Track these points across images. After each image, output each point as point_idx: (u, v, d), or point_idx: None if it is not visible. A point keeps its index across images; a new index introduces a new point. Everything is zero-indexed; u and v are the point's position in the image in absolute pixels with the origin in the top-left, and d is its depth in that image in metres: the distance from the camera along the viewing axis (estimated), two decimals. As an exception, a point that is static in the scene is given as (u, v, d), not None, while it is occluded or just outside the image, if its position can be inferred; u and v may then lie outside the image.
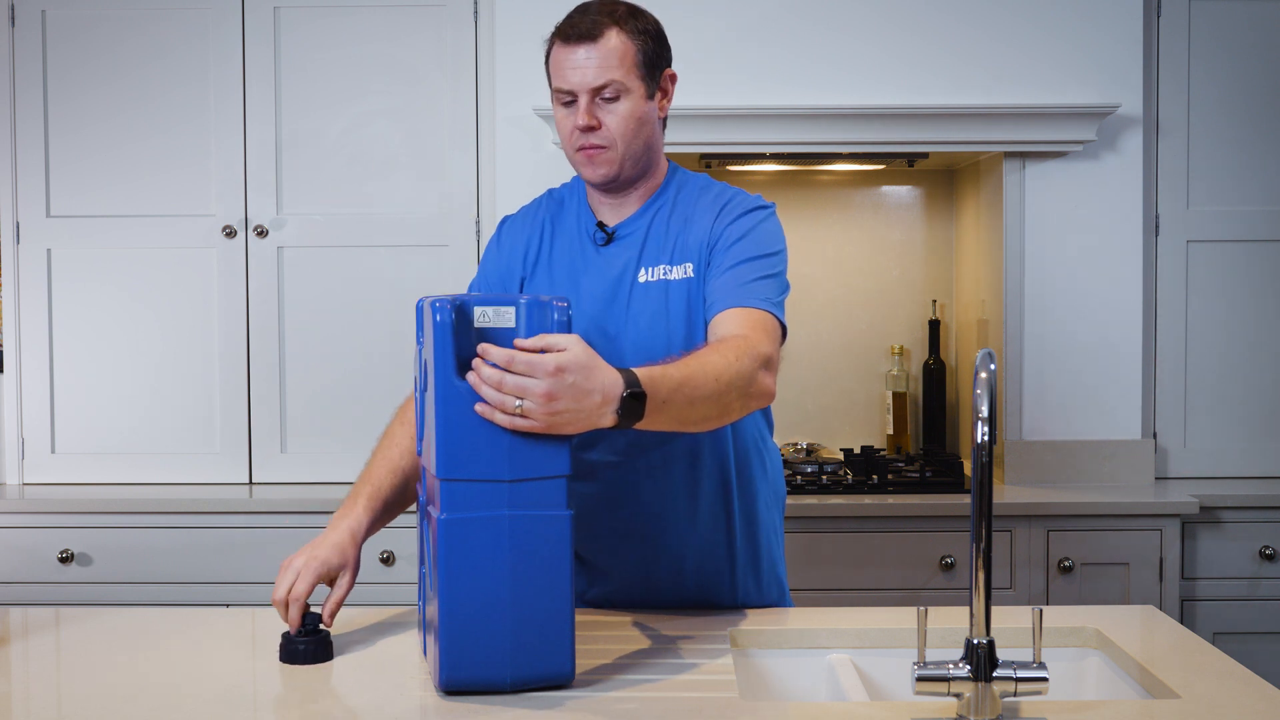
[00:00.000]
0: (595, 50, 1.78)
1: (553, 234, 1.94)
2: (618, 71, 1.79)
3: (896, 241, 3.62)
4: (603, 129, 1.80)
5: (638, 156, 1.84)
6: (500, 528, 1.45)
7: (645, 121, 1.83)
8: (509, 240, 1.98)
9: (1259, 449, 3.28)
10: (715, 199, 1.88)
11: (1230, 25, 3.25)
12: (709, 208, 1.87)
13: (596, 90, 1.79)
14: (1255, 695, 1.48)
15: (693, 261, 1.85)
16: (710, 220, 1.85)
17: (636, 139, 1.82)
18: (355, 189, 3.25)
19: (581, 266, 1.90)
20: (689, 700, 1.47)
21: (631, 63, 1.80)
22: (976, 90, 3.17)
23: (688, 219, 1.87)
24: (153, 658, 1.67)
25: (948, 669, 1.38)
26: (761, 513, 1.95)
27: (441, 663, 1.46)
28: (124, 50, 3.25)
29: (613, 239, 1.89)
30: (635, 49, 1.80)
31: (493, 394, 1.42)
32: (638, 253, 1.88)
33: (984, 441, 1.38)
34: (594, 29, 1.78)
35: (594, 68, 1.78)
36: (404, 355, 3.20)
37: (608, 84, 1.79)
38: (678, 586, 1.90)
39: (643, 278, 1.86)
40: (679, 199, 1.90)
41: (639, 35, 1.81)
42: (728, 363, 1.63)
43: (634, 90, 1.81)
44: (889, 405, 3.53)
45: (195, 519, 3.04)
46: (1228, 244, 3.27)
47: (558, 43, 1.82)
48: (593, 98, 1.80)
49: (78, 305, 3.27)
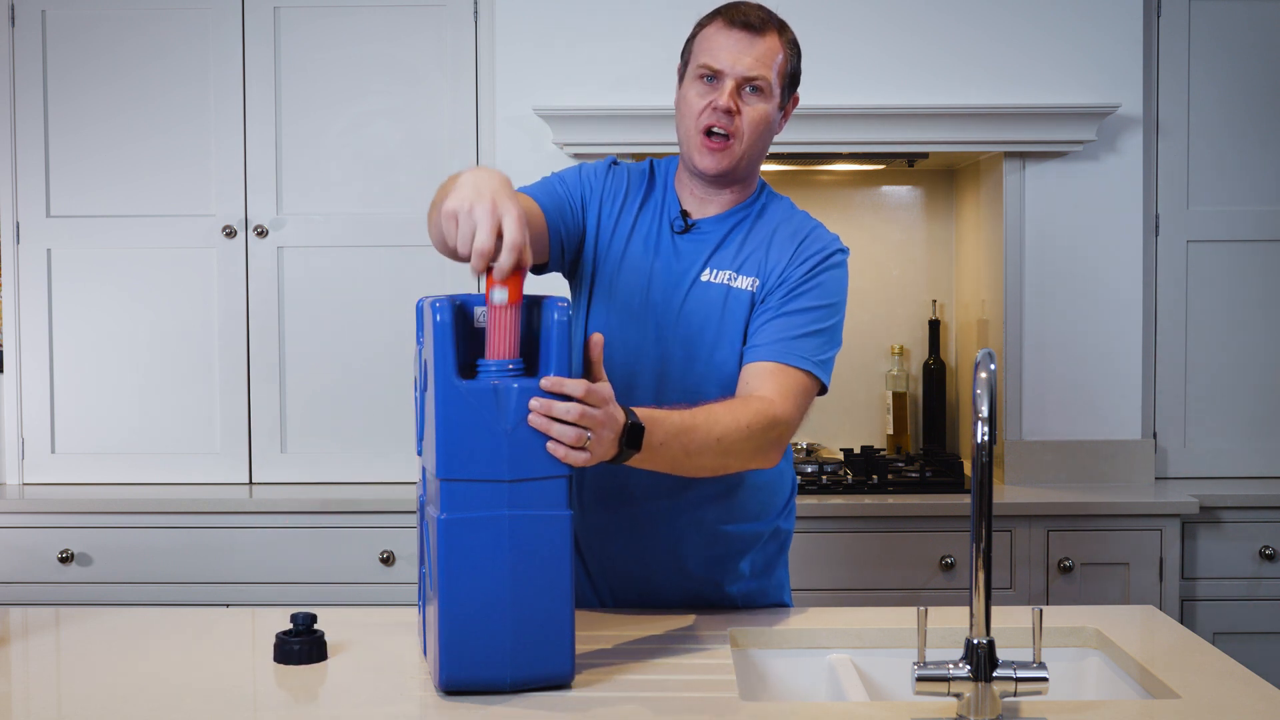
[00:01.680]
0: (758, 43, 1.81)
1: (639, 204, 1.93)
2: (769, 69, 1.82)
3: (896, 241, 3.62)
4: (738, 118, 1.82)
5: (753, 158, 1.87)
6: (500, 528, 1.45)
7: (770, 129, 1.86)
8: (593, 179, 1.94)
9: (1259, 449, 3.28)
10: (795, 231, 1.88)
11: (1230, 25, 3.25)
12: (789, 239, 1.87)
13: (746, 79, 1.81)
14: (1255, 695, 1.48)
15: (758, 278, 1.85)
16: (788, 252, 1.85)
17: (759, 142, 1.85)
18: (355, 189, 3.25)
19: (656, 247, 1.89)
20: (689, 700, 1.47)
21: (780, 69, 1.84)
22: (976, 90, 3.17)
23: (766, 243, 1.87)
24: (153, 658, 1.67)
25: (948, 669, 1.38)
26: (762, 509, 1.95)
27: (441, 663, 1.46)
28: (124, 50, 3.25)
29: (690, 230, 1.89)
30: (786, 58, 1.85)
31: (568, 431, 1.44)
32: (709, 252, 1.88)
33: (984, 441, 1.38)
34: (761, 25, 1.82)
35: (752, 58, 1.81)
36: (404, 355, 3.21)
37: (758, 78, 1.81)
38: (678, 573, 1.90)
39: (705, 277, 1.87)
40: (763, 217, 1.91)
41: (791, 47, 1.86)
42: (738, 429, 1.66)
43: (773, 95, 1.84)
44: (889, 405, 3.53)
45: (195, 519, 3.04)
46: (1228, 244, 3.27)
47: (719, 22, 1.83)
48: (738, 86, 1.81)
49: (78, 305, 3.27)
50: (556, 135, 3.11)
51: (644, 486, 1.86)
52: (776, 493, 1.96)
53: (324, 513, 3.04)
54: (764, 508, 1.94)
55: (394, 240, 3.24)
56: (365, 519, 3.03)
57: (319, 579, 3.03)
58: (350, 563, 3.03)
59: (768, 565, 1.97)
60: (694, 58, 1.85)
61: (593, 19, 3.17)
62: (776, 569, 1.99)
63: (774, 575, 1.98)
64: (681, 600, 1.91)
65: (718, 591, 1.92)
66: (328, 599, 2.96)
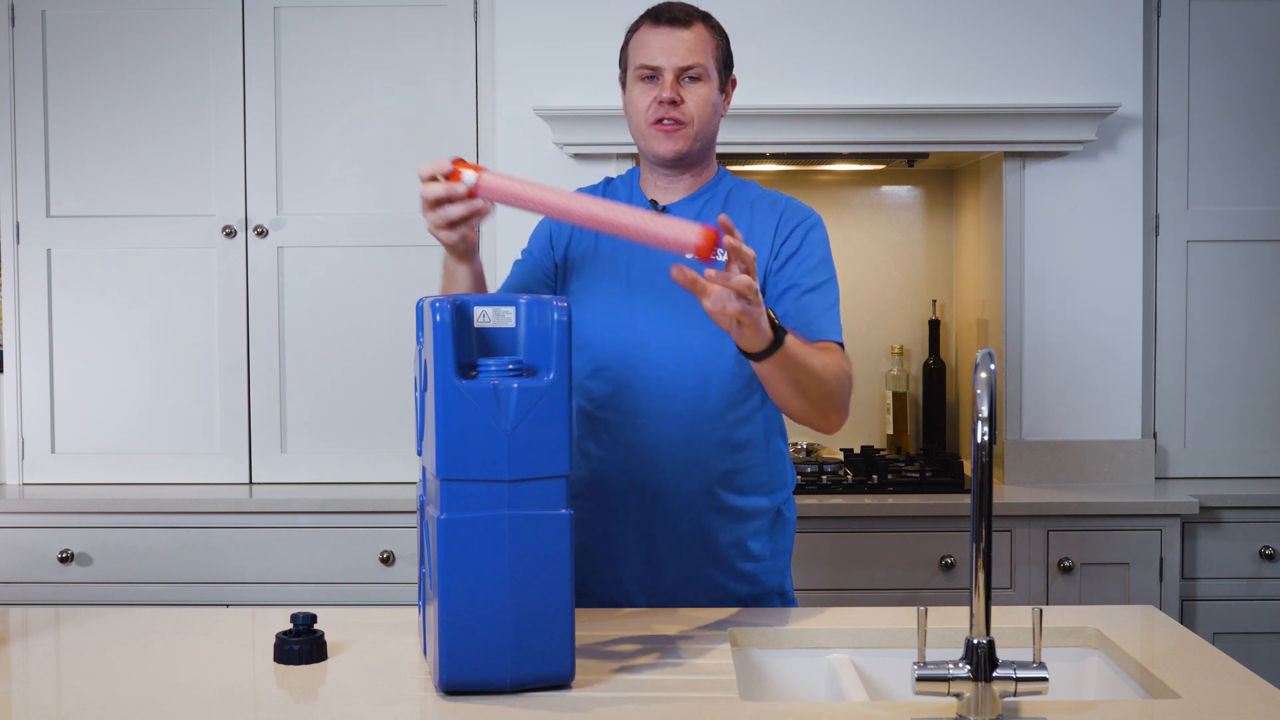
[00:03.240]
0: (687, 34, 1.94)
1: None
2: (702, 56, 1.94)
3: (896, 241, 3.62)
4: (684, 105, 1.94)
5: (706, 140, 1.98)
6: (500, 528, 1.45)
7: (715, 111, 1.98)
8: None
9: (1259, 449, 3.28)
10: (773, 204, 2.01)
11: (1230, 25, 3.25)
12: (768, 210, 1.99)
13: (683, 69, 1.93)
14: (1255, 695, 1.48)
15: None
16: (772, 223, 1.97)
17: (709, 123, 1.97)
18: (355, 189, 3.25)
19: (627, 241, 1.95)
20: (689, 700, 1.47)
21: (712, 53, 1.96)
22: (976, 90, 3.17)
23: (747, 217, 1.98)
24: (153, 658, 1.67)
25: (948, 669, 1.38)
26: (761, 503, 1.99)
27: (441, 663, 1.46)
28: (124, 50, 3.25)
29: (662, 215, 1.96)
30: (715, 43, 1.98)
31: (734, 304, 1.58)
32: None
33: (984, 441, 1.38)
34: (686, 18, 1.96)
35: (684, 49, 1.94)
36: (404, 355, 3.21)
37: (694, 65, 1.94)
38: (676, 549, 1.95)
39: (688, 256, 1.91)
40: (732, 194, 2.02)
41: (718, 33, 1.99)
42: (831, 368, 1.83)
43: (712, 78, 1.96)
44: (889, 405, 3.53)
45: (195, 519, 3.04)
46: (1228, 244, 3.27)
47: (647, 24, 1.97)
48: (677, 76, 1.93)
49: (78, 305, 3.27)
50: (556, 135, 3.11)
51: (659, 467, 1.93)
52: (775, 473, 2.01)
53: (324, 513, 3.04)
54: (763, 484, 1.99)
55: (394, 240, 3.24)
56: (365, 519, 3.03)
57: (319, 579, 3.03)
58: (350, 563, 3.03)
59: (774, 550, 2.01)
60: (631, 61, 1.98)
61: (593, 19, 3.17)
62: (782, 555, 2.03)
63: (780, 560, 2.03)
64: (695, 578, 1.95)
65: (728, 569, 1.96)
66: (328, 599, 2.96)
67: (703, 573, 1.96)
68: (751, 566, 1.98)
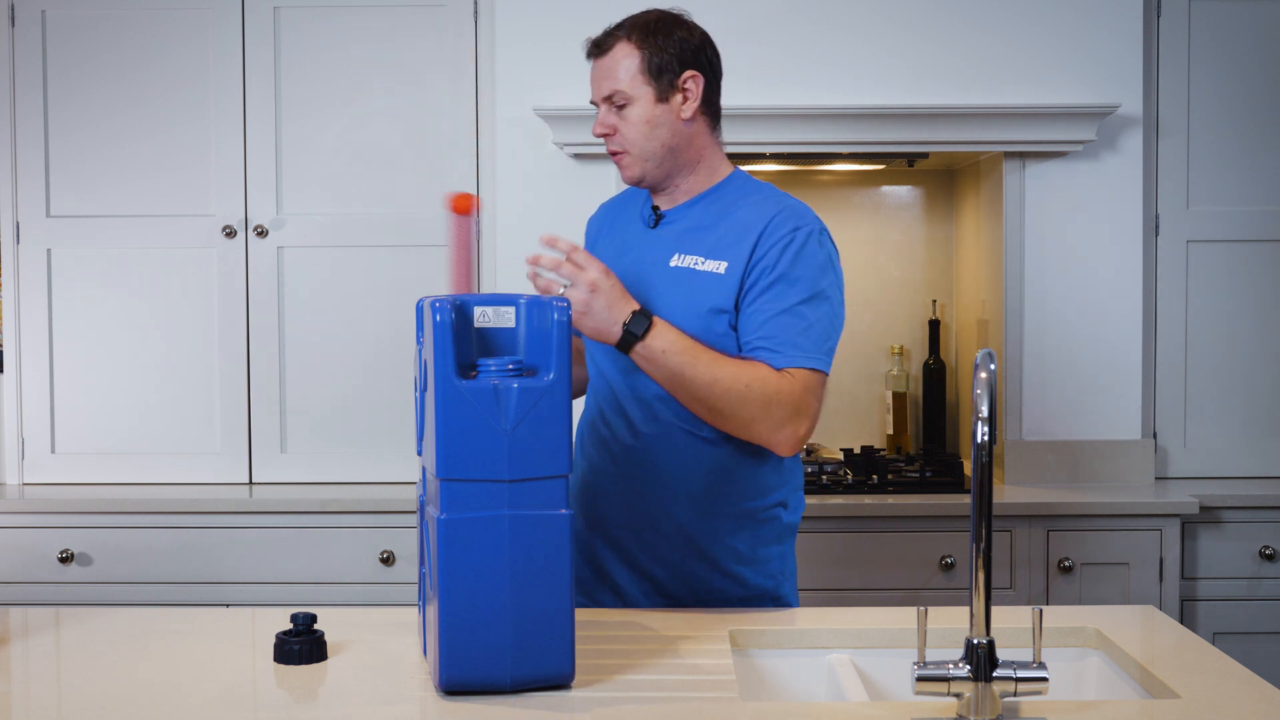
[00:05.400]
0: (603, 63, 1.94)
1: (618, 215, 2.10)
2: (622, 82, 1.91)
3: (896, 241, 3.62)
4: (617, 135, 1.94)
5: (659, 157, 1.93)
6: (500, 528, 1.45)
7: (658, 124, 1.92)
8: (594, 223, 2.18)
9: (1259, 449, 3.28)
10: (764, 211, 1.89)
11: (1230, 25, 3.25)
12: (756, 220, 1.89)
13: (607, 99, 1.94)
14: (1255, 695, 1.48)
15: (728, 262, 1.88)
16: (756, 232, 1.87)
17: (650, 141, 1.92)
18: (355, 189, 3.25)
19: (630, 243, 2.01)
20: (689, 700, 1.47)
21: (636, 70, 1.91)
22: (976, 90, 3.17)
23: (736, 225, 1.90)
24: (153, 658, 1.67)
25: (948, 669, 1.38)
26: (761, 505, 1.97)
27: (441, 663, 1.46)
28: (124, 50, 3.25)
29: (661, 220, 1.99)
30: (641, 58, 1.91)
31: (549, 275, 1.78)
32: (678, 237, 1.95)
33: (984, 441, 1.38)
34: (605, 42, 1.95)
35: (601, 79, 1.94)
36: (404, 355, 3.21)
37: (613, 94, 1.93)
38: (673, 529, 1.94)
39: (674, 262, 1.93)
40: (733, 199, 1.95)
41: (646, 43, 1.90)
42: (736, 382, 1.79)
43: (641, 97, 1.91)
44: (889, 405, 3.53)
45: (195, 519, 3.04)
46: (1228, 244, 3.27)
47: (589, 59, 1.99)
48: (608, 107, 1.94)
49: (78, 305, 3.27)
50: (556, 135, 3.11)
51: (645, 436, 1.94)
52: (763, 476, 1.96)
53: (324, 513, 3.04)
54: (749, 489, 1.94)
55: (394, 240, 3.24)
56: (365, 519, 3.03)
57: (319, 579, 3.03)
58: (350, 563, 3.03)
59: (766, 554, 1.97)
60: None
61: (593, 19, 3.13)
62: (774, 559, 1.99)
63: (772, 564, 1.99)
64: (684, 577, 1.94)
65: (715, 568, 1.94)
66: (328, 599, 2.96)
67: (690, 571, 1.94)
68: (740, 568, 1.95)
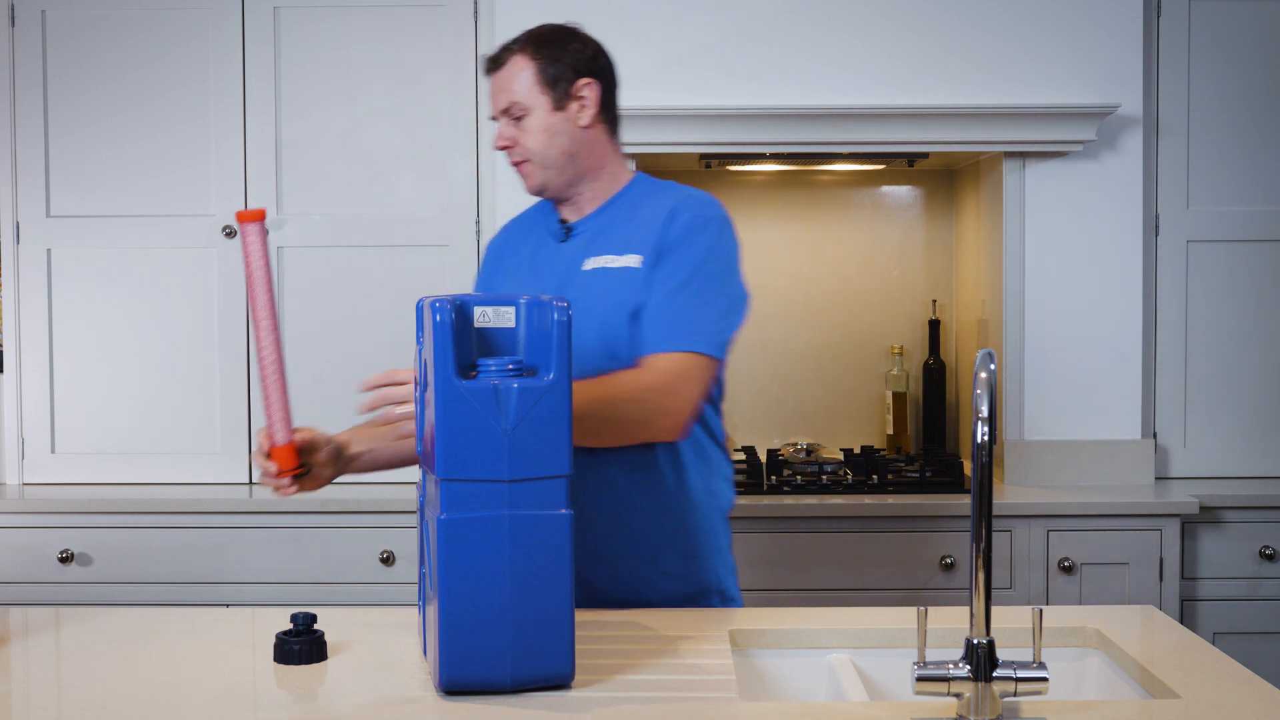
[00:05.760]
0: (500, 77, 1.97)
1: (525, 233, 2.09)
2: (518, 93, 1.95)
3: (896, 241, 3.62)
4: (518, 146, 1.96)
5: (560, 164, 1.96)
6: (500, 528, 1.45)
7: (556, 132, 1.95)
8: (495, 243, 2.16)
9: (1259, 449, 3.28)
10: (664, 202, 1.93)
11: (1230, 25, 3.25)
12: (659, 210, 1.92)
13: (504, 112, 1.96)
14: (1255, 695, 1.48)
15: (642, 255, 1.90)
16: (660, 222, 1.91)
17: (550, 149, 1.95)
18: (355, 189, 3.25)
19: (542, 259, 2.02)
20: (689, 700, 1.47)
21: (531, 81, 1.95)
22: (976, 90, 3.17)
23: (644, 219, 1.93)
24: (153, 658, 1.67)
25: (948, 669, 1.38)
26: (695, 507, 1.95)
27: (441, 663, 1.46)
28: (124, 50, 3.25)
29: (570, 234, 2.00)
30: (535, 68, 1.95)
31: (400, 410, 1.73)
32: (588, 245, 1.97)
33: (984, 441, 1.38)
34: (501, 57, 1.98)
35: (498, 92, 1.97)
36: (404, 355, 3.20)
37: (510, 105, 1.95)
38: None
39: (587, 266, 1.95)
40: (639, 200, 1.98)
41: (540, 54, 1.95)
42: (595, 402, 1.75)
43: (537, 106, 1.94)
44: (889, 405, 3.53)
45: (195, 519, 3.04)
46: (1228, 244, 3.27)
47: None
48: (507, 119, 1.96)
49: (78, 305, 3.27)
50: (556, 135, 3.11)
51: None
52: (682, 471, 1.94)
53: (324, 513, 3.04)
54: (673, 490, 1.93)
55: (394, 240, 3.24)
56: (365, 519, 3.03)
57: (319, 579, 3.03)
58: (350, 563, 3.03)
59: (705, 549, 1.96)
60: None
61: (592, 19, 3.14)
62: (713, 554, 1.97)
63: (711, 559, 1.97)
64: (627, 576, 1.93)
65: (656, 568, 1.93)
66: (328, 599, 2.96)
67: (632, 571, 1.93)
68: (682, 565, 1.94)
